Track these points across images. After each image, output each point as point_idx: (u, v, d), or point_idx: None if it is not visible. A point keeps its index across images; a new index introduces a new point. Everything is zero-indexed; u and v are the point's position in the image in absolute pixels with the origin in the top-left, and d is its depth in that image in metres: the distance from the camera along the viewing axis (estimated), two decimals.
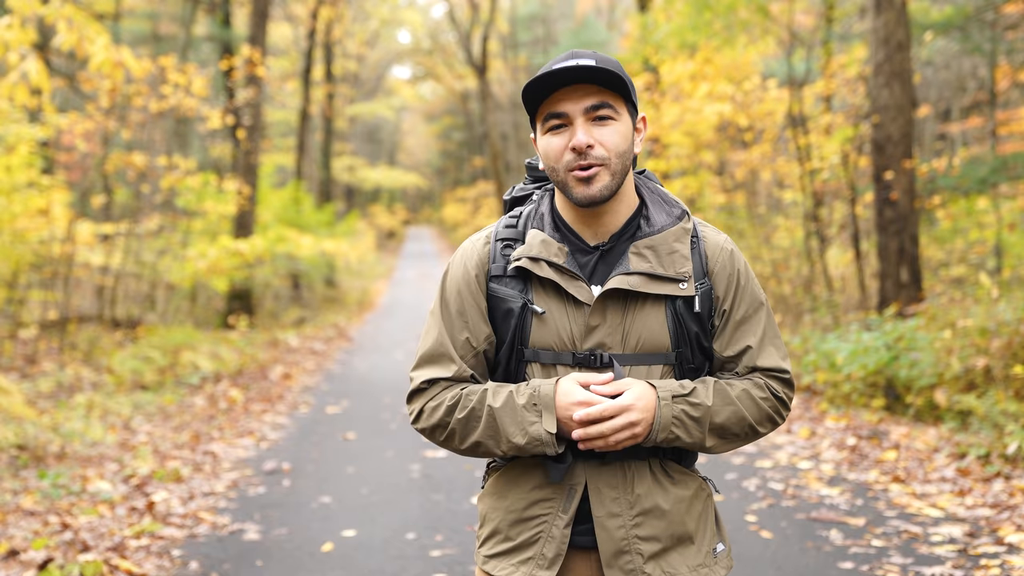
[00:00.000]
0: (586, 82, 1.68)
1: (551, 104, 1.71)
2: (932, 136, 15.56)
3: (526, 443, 1.69)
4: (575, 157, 1.69)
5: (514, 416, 1.70)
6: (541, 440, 1.68)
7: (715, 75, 11.49)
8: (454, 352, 1.79)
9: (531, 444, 1.69)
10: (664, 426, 1.68)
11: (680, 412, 1.69)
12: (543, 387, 1.70)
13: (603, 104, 1.69)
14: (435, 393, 1.78)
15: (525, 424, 1.69)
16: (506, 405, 1.71)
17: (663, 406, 1.68)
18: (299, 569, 4.23)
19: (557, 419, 1.67)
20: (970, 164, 9.65)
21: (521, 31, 37.64)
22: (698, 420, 1.71)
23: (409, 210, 56.69)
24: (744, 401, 1.75)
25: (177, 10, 19.71)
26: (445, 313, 1.82)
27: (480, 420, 1.73)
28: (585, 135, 1.68)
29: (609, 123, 1.70)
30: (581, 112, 1.69)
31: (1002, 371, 6.10)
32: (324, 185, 27.51)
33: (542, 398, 1.68)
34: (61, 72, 15.20)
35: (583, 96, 1.69)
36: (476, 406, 1.73)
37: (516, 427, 1.69)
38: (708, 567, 1.80)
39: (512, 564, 1.79)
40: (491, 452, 1.75)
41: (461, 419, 1.74)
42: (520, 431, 1.69)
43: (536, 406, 1.68)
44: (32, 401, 7.49)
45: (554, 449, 1.68)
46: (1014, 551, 4.12)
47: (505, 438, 1.71)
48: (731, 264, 1.81)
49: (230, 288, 14.11)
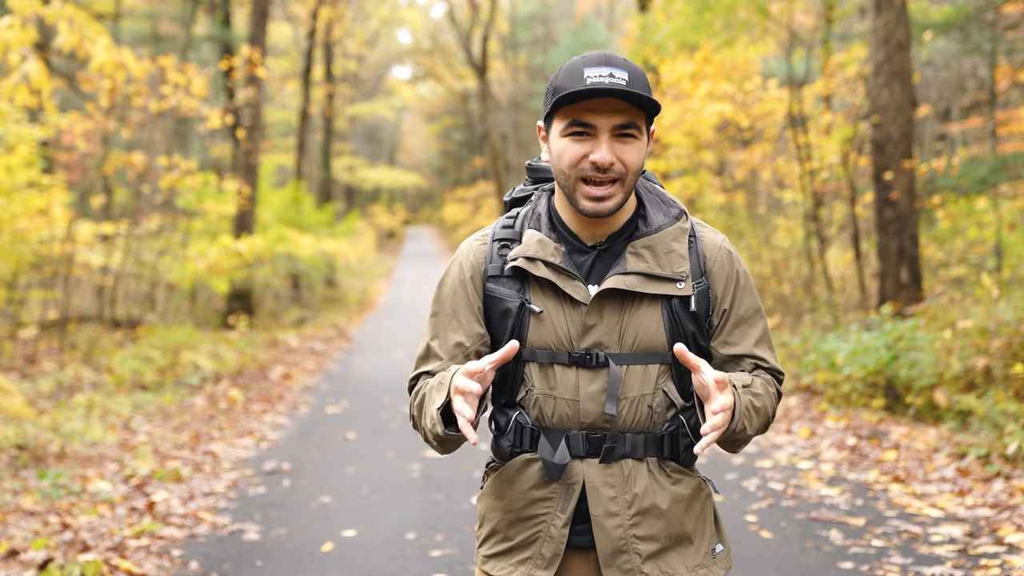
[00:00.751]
0: (622, 99, 1.66)
1: (579, 111, 1.68)
2: (932, 136, 15.56)
3: (429, 424, 1.70)
4: (592, 169, 1.68)
5: (430, 396, 1.72)
6: (433, 418, 1.67)
7: (715, 75, 11.49)
8: (441, 351, 1.81)
9: (431, 423, 1.69)
10: (740, 415, 1.67)
11: (748, 402, 1.71)
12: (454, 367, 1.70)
13: (631, 124, 1.68)
14: (417, 388, 1.82)
15: (431, 404, 1.70)
16: (430, 387, 1.74)
17: (740, 393, 1.68)
18: (299, 569, 4.23)
19: (448, 395, 1.65)
20: (970, 164, 9.65)
21: (521, 31, 37.64)
22: (758, 411, 1.73)
23: (409, 210, 56.69)
24: (767, 396, 1.78)
25: (177, 10, 19.70)
26: (440, 313, 1.84)
27: (423, 405, 1.76)
28: (609, 152, 1.67)
29: (632, 141, 1.69)
30: (609, 128, 1.67)
31: (1002, 371, 6.10)
32: (324, 185, 27.51)
33: (447, 376, 1.69)
34: (61, 72, 15.20)
35: (613, 112, 1.67)
36: (423, 392, 1.77)
37: (428, 407, 1.71)
38: (707, 567, 1.80)
39: (511, 564, 1.79)
40: (429, 440, 1.75)
41: (417, 406, 1.79)
42: (428, 413, 1.71)
43: (442, 384, 1.69)
44: (32, 401, 7.49)
45: (441, 428, 1.66)
46: (1014, 551, 4.12)
47: (425, 419, 1.72)
48: (730, 264, 1.81)
49: (230, 288, 14.11)
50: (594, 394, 1.72)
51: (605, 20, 35.01)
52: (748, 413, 1.69)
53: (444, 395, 1.66)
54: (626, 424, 1.74)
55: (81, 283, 12.76)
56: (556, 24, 38.09)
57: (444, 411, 1.68)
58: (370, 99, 41.10)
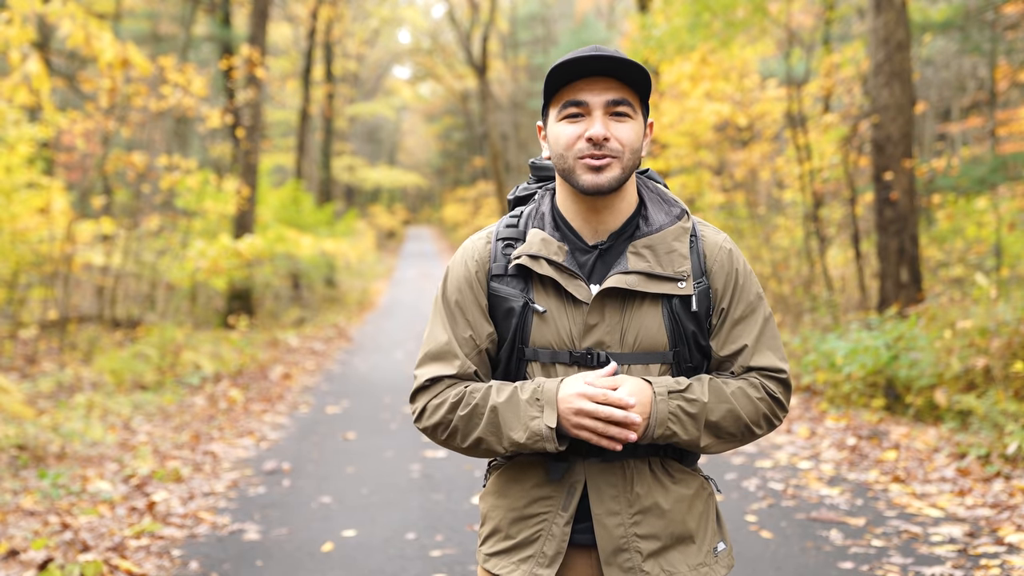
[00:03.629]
0: (611, 75, 1.70)
1: (572, 92, 1.72)
2: (932, 136, 15.56)
3: (527, 439, 1.68)
4: (588, 146, 1.70)
5: (516, 412, 1.69)
6: (541, 435, 1.67)
7: (713, 75, 11.50)
8: (458, 349, 1.79)
9: (531, 439, 1.68)
10: (661, 422, 1.67)
11: (676, 408, 1.69)
12: (547, 383, 1.70)
13: (623, 100, 1.71)
14: (439, 391, 1.78)
15: (527, 419, 1.68)
16: (509, 401, 1.71)
17: (659, 401, 1.67)
18: (299, 569, 4.23)
19: (558, 414, 1.67)
20: (969, 164, 9.66)
21: (521, 31, 37.65)
22: (694, 416, 1.70)
23: (409, 210, 56.68)
24: (739, 400, 1.75)
25: (177, 10, 19.71)
26: (448, 311, 1.82)
27: (483, 417, 1.72)
28: (603, 127, 1.69)
29: (626, 120, 1.72)
30: (601, 105, 1.70)
31: (1002, 371, 6.10)
32: (324, 185, 27.51)
33: (545, 393, 1.68)
34: (61, 72, 15.20)
35: (605, 89, 1.70)
36: (479, 403, 1.73)
37: (518, 422, 1.69)
38: (708, 566, 1.80)
39: (512, 562, 1.79)
40: (492, 450, 1.74)
41: (464, 416, 1.74)
42: (521, 426, 1.68)
43: (539, 401, 1.68)
44: (32, 401, 7.49)
45: (554, 445, 1.67)
46: (1014, 551, 4.12)
47: (506, 434, 1.70)
48: (729, 263, 1.81)
49: (230, 288, 14.12)
50: None
51: (605, 20, 35.01)
52: (675, 419, 1.68)
53: (553, 413, 1.66)
54: None
55: (81, 283, 12.76)
56: (556, 24, 38.10)
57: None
58: (370, 99, 41.12)
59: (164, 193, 13.22)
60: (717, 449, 1.77)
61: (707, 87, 11.63)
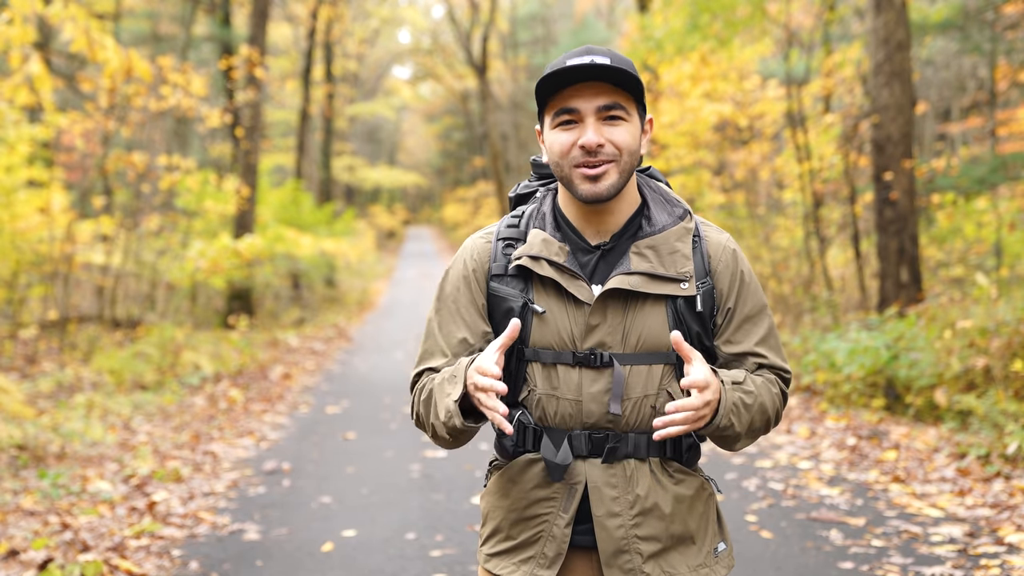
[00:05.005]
0: (601, 80, 1.68)
1: (563, 99, 1.71)
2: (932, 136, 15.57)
3: (444, 416, 1.69)
4: (583, 154, 1.69)
5: (442, 390, 1.71)
6: (449, 411, 1.67)
7: (713, 75, 11.50)
8: (446, 347, 1.80)
9: (446, 416, 1.68)
10: (726, 411, 1.67)
11: (738, 399, 1.69)
12: (464, 359, 1.70)
13: (615, 104, 1.69)
14: (422, 385, 1.81)
15: (444, 396, 1.70)
16: (439, 381, 1.73)
17: (729, 390, 1.68)
18: (299, 569, 4.23)
19: (464, 387, 1.66)
20: (969, 164, 9.66)
21: (521, 31, 37.64)
22: (748, 408, 1.71)
23: (409, 210, 56.66)
24: (766, 394, 1.76)
25: (177, 10, 19.70)
26: (443, 309, 1.83)
27: (431, 400, 1.75)
28: (596, 134, 1.68)
29: (620, 123, 1.70)
30: (593, 111, 1.69)
31: (1002, 371, 6.10)
32: (324, 185, 27.51)
33: (459, 368, 1.69)
34: (61, 72, 15.19)
35: (596, 94, 1.69)
36: (431, 387, 1.76)
37: (441, 401, 1.71)
38: (709, 567, 1.80)
39: (513, 563, 1.79)
40: (439, 434, 1.74)
41: (423, 401, 1.77)
42: (443, 406, 1.70)
43: (455, 377, 1.69)
44: (32, 401, 7.49)
45: (459, 420, 1.66)
46: (1014, 551, 4.12)
47: (435, 413, 1.72)
48: (734, 263, 1.81)
49: (230, 288, 14.11)
50: (597, 394, 1.72)
51: (605, 20, 35.00)
52: (736, 410, 1.68)
53: (460, 387, 1.66)
54: (629, 424, 1.74)
55: (81, 283, 12.76)
56: (556, 24, 38.08)
57: (461, 403, 1.68)
58: (370, 99, 41.11)
59: (164, 193, 13.21)
60: (743, 444, 1.77)
61: (707, 87, 11.63)
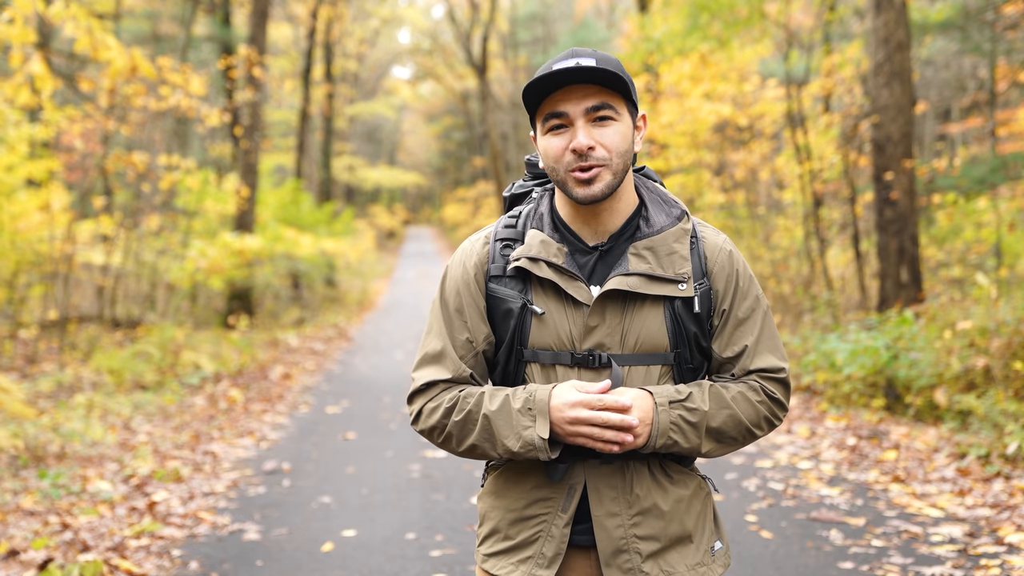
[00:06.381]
0: (586, 83, 1.68)
1: (551, 104, 1.70)
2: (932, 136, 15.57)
3: (520, 448, 1.69)
4: (575, 158, 1.69)
5: (509, 420, 1.69)
6: (534, 445, 1.67)
7: (712, 76, 11.50)
8: (453, 352, 1.79)
9: (525, 449, 1.68)
10: (662, 432, 1.68)
11: (677, 417, 1.69)
12: (539, 392, 1.69)
13: (604, 105, 1.68)
14: (434, 394, 1.78)
15: (519, 429, 1.68)
16: (501, 409, 1.70)
17: (661, 412, 1.68)
18: (299, 569, 4.23)
19: (551, 423, 1.67)
20: (969, 164, 9.66)
21: (521, 31, 37.65)
22: (695, 425, 1.70)
23: (409, 210, 56.67)
24: (740, 404, 1.75)
25: (177, 10, 19.71)
26: (445, 313, 1.82)
27: (476, 423, 1.72)
28: (586, 137, 1.67)
29: (610, 124, 1.70)
30: (582, 113, 1.68)
31: (1002, 371, 6.10)
32: (324, 185, 27.52)
33: (537, 403, 1.68)
34: (61, 72, 15.19)
35: (583, 97, 1.68)
36: (472, 409, 1.73)
37: (511, 431, 1.69)
38: (706, 566, 1.80)
39: (512, 563, 1.79)
40: (488, 455, 1.75)
41: (458, 422, 1.74)
42: (515, 435, 1.69)
43: (531, 411, 1.68)
44: (32, 401, 7.49)
45: (547, 454, 1.67)
46: (1014, 551, 4.12)
47: (500, 442, 1.71)
48: (730, 264, 1.81)
49: (230, 288, 14.11)
50: None
51: (605, 20, 34.99)
52: (676, 429, 1.68)
53: (546, 423, 1.66)
54: None
55: (81, 283, 12.76)
56: (556, 24, 38.08)
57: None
58: (370, 99, 41.12)
59: (164, 193, 13.21)
60: (719, 453, 1.77)
61: (707, 87, 11.63)
